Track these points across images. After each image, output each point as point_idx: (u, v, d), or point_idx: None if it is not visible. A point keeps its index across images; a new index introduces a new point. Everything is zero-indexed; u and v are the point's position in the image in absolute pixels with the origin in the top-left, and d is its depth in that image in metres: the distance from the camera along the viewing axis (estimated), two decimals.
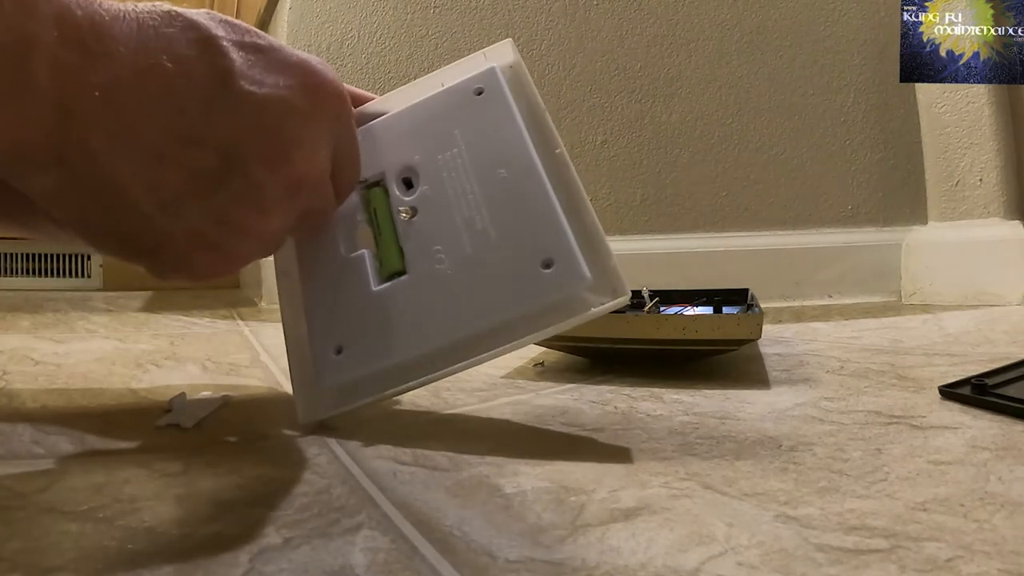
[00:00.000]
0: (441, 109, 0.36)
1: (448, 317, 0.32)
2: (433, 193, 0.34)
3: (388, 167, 0.35)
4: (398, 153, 0.35)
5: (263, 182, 0.25)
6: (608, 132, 1.04)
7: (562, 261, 0.30)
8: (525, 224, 0.32)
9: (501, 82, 0.35)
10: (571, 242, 0.31)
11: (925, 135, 0.94)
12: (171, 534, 0.22)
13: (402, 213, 0.34)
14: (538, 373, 0.50)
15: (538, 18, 1.07)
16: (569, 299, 0.31)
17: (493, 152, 0.33)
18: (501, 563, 0.20)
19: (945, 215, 0.91)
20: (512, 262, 0.31)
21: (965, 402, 0.36)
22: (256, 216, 0.26)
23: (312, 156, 0.27)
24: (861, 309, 0.85)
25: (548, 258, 0.31)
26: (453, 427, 0.36)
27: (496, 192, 0.33)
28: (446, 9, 1.11)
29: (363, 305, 0.33)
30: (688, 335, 0.45)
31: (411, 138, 0.36)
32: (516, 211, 0.32)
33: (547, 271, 0.30)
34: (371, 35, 1.16)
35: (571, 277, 0.30)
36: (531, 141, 0.33)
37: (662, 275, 0.98)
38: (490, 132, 0.34)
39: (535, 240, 0.31)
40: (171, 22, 0.24)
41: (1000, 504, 0.23)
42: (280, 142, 0.25)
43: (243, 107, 0.24)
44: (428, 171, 0.34)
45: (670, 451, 0.30)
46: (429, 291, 0.32)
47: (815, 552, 0.20)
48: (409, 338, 0.32)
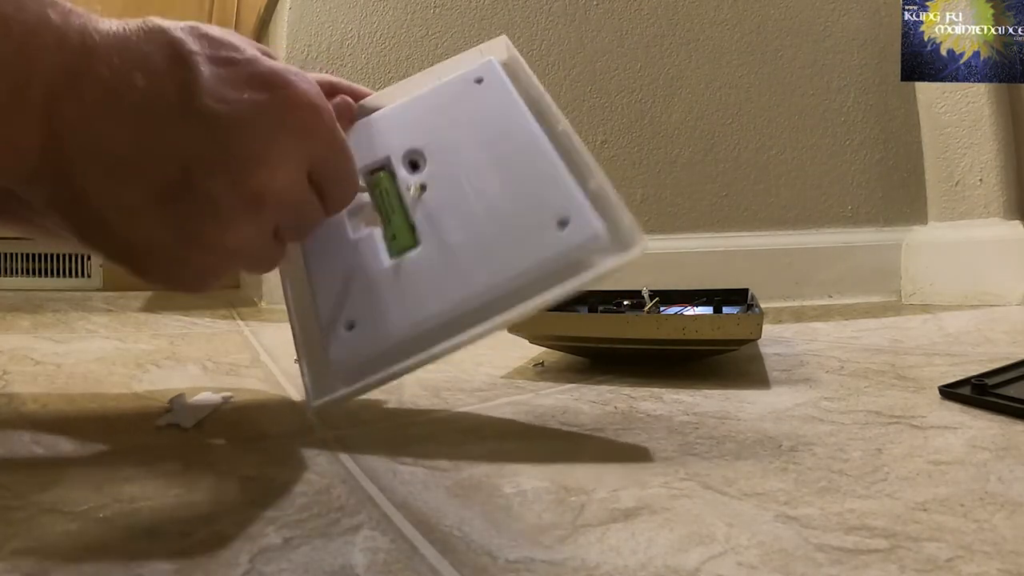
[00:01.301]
0: (442, 98, 0.36)
1: (465, 280, 0.31)
2: (440, 170, 0.34)
3: (392, 151, 0.35)
4: (402, 138, 0.35)
5: (220, 196, 0.25)
6: (608, 132, 1.04)
7: (576, 219, 0.30)
8: (535, 190, 0.32)
9: (499, 71, 0.36)
10: (583, 200, 0.31)
11: (925, 135, 0.94)
12: (171, 534, 0.22)
13: (411, 190, 0.34)
14: (538, 373, 0.50)
15: (538, 18, 1.07)
16: (585, 255, 0.30)
17: (496, 129, 0.34)
18: (501, 563, 0.20)
19: (945, 215, 0.91)
20: (527, 224, 0.31)
21: (965, 402, 0.36)
22: (215, 229, 0.25)
23: (274, 171, 0.26)
24: (861, 309, 0.85)
25: (563, 217, 0.30)
26: (453, 427, 0.36)
27: (503, 165, 0.33)
28: (446, 9, 1.11)
29: (375, 279, 0.32)
30: (688, 335, 0.45)
31: (414, 125, 0.36)
32: (525, 179, 0.32)
33: (562, 231, 0.30)
34: (371, 35, 1.16)
35: (586, 232, 0.30)
36: (533, 117, 0.34)
37: (662, 275, 0.98)
38: (492, 114, 0.35)
39: (547, 203, 0.31)
40: (152, 39, 0.24)
41: (1000, 504, 0.23)
42: (238, 156, 0.25)
43: (203, 123, 0.24)
44: (433, 152, 0.34)
45: (670, 451, 0.30)
46: (442, 260, 0.32)
47: (815, 552, 0.20)
48: (423, 305, 0.31)
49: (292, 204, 0.28)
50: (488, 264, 0.31)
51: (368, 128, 0.37)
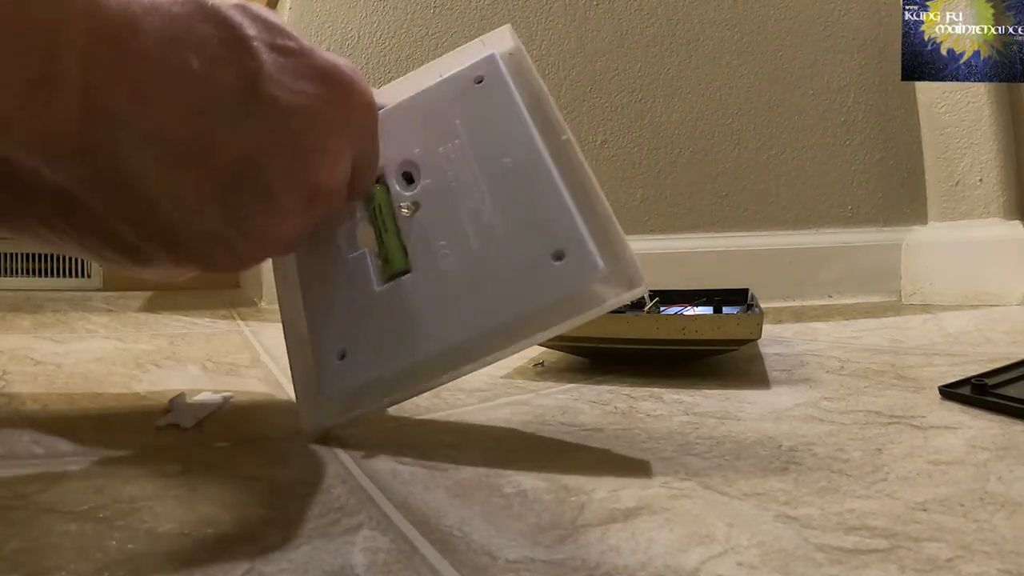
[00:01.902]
0: (440, 100, 0.34)
1: (455, 316, 0.30)
2: (435, 187, 0.32)
3: (387, 162, 0.33)
4: (397, 147, 0.34)
5: (280, 189, 0.25)
6: (608, 132, 1.04)
7: (574, 252, 0.29)
8: (533, 215, 0.30)
9: (502, 69, 0.33)
10: (582, 232, 0.29)
11: (925, 135, 0.94)
12: (171, 534, 0.22)
13: (403, 209, 0.32)
14: (538, 373, 0.50)
15: (538, 18, 1.07)
16: (582, 292, 0.29)
17: (496, 141, 0.32)
18: (501, 563, 0.20)
19: (945, 215, 0.91)
20: (521, 255, 0.30)
21: (965, 402, 0.36)
22: (271, 222, 0.26)
23: (333, 168, 0.27)
24: (861, 309, 0.85)
25: (559, 249, 0.29)
26: (453, 427, 0.36)
27: (501, 183, 0.31)
28: (446, 9, 1.11)
29: (365, 306, 0.31)
30: (688, 335, 0.45)
31: (410, 131, 0.34)
32: (523, 202, 0.30)
33: (558, 263, 0.29)
34: (371, 35, 1.16)
35: (584, 268, 0.28)
36: (535, 129, 0.31)
37: (662, 275, 0.98)
38: (492, 121, 0.33)
39: (544, 231, 0.30)
40: (205, 17, 0.23)
41: (1000, 504, 0.23)
42: (301, 151, 0.25)
43: (267, 113, 0.24)
44: (429, 164, 0.33)
45: (670, 451, 0.30)
46: (435, 289, 0.30)
47: (815, 552, 0.20)
48: (415, 340, 0.30)
49: (337, 197, 0.29)
50: (480, 299, 0.30)
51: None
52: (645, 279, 0.29)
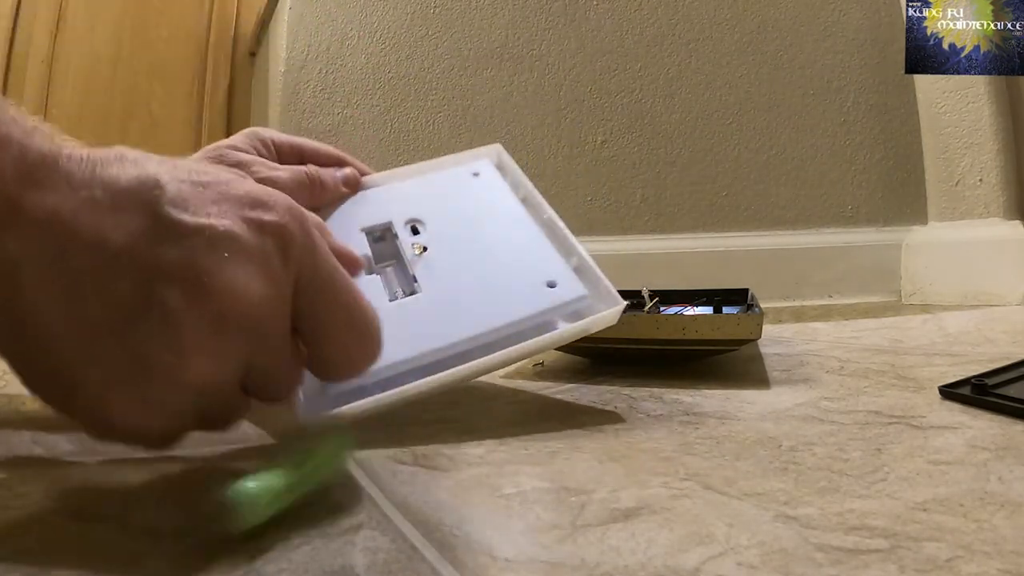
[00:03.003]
0: (442, 182, 0.42)
1: (462, 322, 0.34)
2: (440, 234, 0.39)
3: (394, 217, 0.40)
4: (403, 208, 0.40)
5: (181, 316, 0.22)
6: (608, 132, 1.04)
7: (563, 282, 0.37)
8: (525, 258, 0.38)
9: (494, 169, 0.43)
10: (567, 269, 0.37)
11: (925, 135, 0.94)
12: (171, 534, 0.22)
13: (415, 248, 0.38)
14: (538, 373, 0.50)
15: (538, 18, 1.07)
16: (573, 308, 0.36)
17: (490, 211, 0.41)
18: (501, 563, 0.20)
19: (945, 215, 0.91)
20: (519, 283, 0.36)
21: (965, 402, 0.36)
22: (173, 355, 0.22)
23: (240, 293, 0.23)
24: (861, 309, 0.85)
25: (551, 281, 0.36)
26: (453, 427, 0.36)
27: (496, 237, 0.39)
28: (446, 9, 1.11)
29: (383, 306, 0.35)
30: (688, 335, 0.45)
31: (415, 199, 0.41)
32: (516, 250, 0.38)
33: (551, 289, 0.36)
34: (371, 35, 1.16)
35: (573, 292, 0.36)
36: (523, 207, 0.41)
37: (662, 275, 0.98)
38: (487, 199, 0.41)
39: (536, 268, 0.37)
40: (119, 160, 0.23)
41: (1000, 504, 0.23)
42: (202, 274, 0.22)
43: (169, 236, 0.22)
44: (433, 221, 0.40)
45: (670, 451, 0.30)
46: (441, 304, 0.35)
47: (815, 552, 0.20)
48: (418, 339, 0.33)
49: (259, 334, 0.24)
50: (485, 309, 0.35)
51: (372, 196, 0.41)
52: (622, 302, 0.37)
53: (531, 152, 1.07)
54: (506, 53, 1.09)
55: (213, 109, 1.51)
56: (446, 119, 1.11)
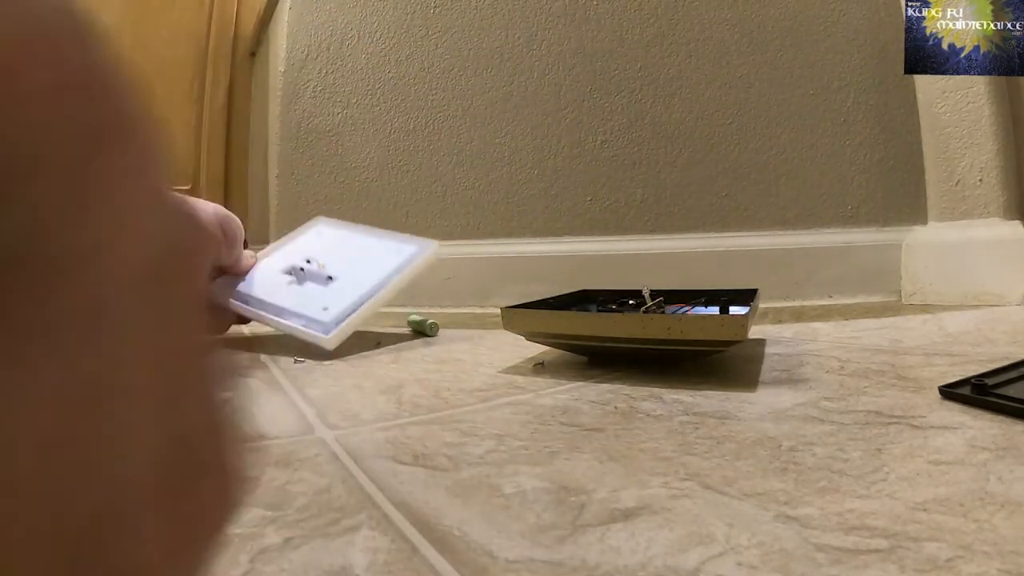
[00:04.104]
0: (309, 238, 0.78)
1: (363, 281, 0.67)
2: (326, 257, 0.72)
3: (295, 260, 0.70)
4: (295, 255, 0.72)
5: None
6: (608, 132, 1.04)
7: (404, 247, 0.72)
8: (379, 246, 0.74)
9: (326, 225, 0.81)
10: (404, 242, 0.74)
11: (925, 135, 0.94)
12: None
13: (317, 265, 0.70)
14: (538, 373, 0.50)
15: (538, 18, 1.07)
16: (414, 256, 0.71)
17: (346, 239, 0.77)
18: (501, 563, 0.20)
19: (945, 215, 0.91)
20: (380, 253, 0.72)
21: (965, 402, 0.36)
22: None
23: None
24: (861, 309, 0.85)
25: (398, 248, 0.73)
26: (453, 427, 0.36)
27: (359, 246, 0.75)
28: (446, 9, 1.11)
29: (325, 292, 0.66)
30: (673, 335, 0.44)
31: (299, 250, 0.74)
32: (372, 244, 0.75)
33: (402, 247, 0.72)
34: (371, 35, 1.16)
35: (426, 245, 0.73)
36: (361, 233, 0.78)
37: (662, 275, 0.98)
38: (340, 236, 0.78)
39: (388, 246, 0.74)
40: None
41: (1000, 504, 0.23)
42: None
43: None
44: (317, 253, 0.73)
45: (670, 451, 0.30)
46: (347, 280, 0.68)
47: (815, 552, 0.20)
48: (354, 290, 0.66)
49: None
50: (373, 271, 0.68)
51: (272, 258, 0.73)
52: (435, 241, 0.74)
53: (531, 152, 1.07)
54: (506, 53, 1.08)
55: (213, 109, 1.51)
56: (446, 119, 1.11)
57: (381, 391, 0.45)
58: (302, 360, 0.58)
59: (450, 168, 1.11)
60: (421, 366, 0.54)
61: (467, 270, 1.06)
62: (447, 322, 0.85)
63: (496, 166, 1.09)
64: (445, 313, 0.98)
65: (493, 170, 1.09)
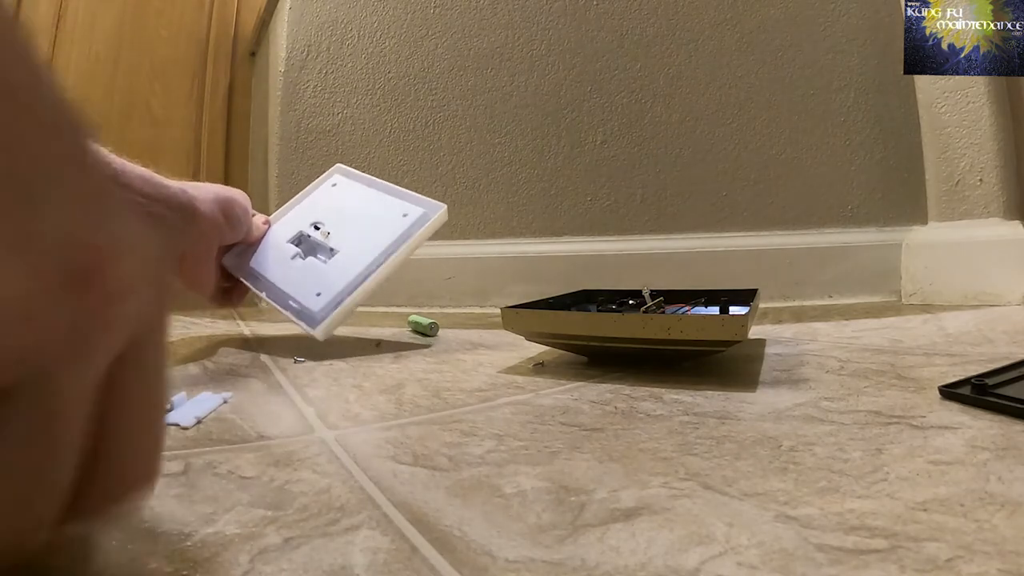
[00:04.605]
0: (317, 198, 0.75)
1: (365, 254, 0.64)
2: (332, 222, 0.69)
3: (302, 226, 0.70)
4: (303, 219, 0.71)
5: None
6: (608, 132, 1.04)
7: (410, 213, 0.68)
8: (386, 209, 0.69)
9: (342, 177, 0.77)
10: (412, 204, 0.69)
11: (925, 135, 0.94)
12: (171, 534, 0.22)
13: (322, 234, 0.68)
14: (538, 373, 0.50)
15: (538, 18, 1.07)
16: (419, 222, 0.67)
17: (354, 199, 0.73)
18: (501, 563, 0.20)
19: (945, 215, 0.91)
20: (387, 220, 0.68)
21: (965, 402, 0.36)
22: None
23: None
24: (861, 309, 0.85)
25: (404, 213, 0.68)
26: (453, 427, 0.36)
27: (366, 209, 0.70)
28: (446, 9, 1.11)
29: (323, 270, 0.65)
30: (673, 335, 0.44)
31: (307, 212, 0.72)
32: (379, 208, 0.70)
33: (404, 217, 0.68)
34: (371, 35, 1.16)
35: (416, 213, 0.68)
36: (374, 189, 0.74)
37: (662, 275, 0.98)
38: (348, 195, 0.74)
39: (394, 210, 0.69)
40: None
41: (1000, 504, 0.23)
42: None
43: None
44: (324, 217, 0.70)
45: (670, 451, 0.30)
46: (351, 252, 0.65)
47: (815, 552, 0.20)
48: (351, 269, 0.63)
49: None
50: (376, 241, 0.65)
51: (282, 222, 0.71)
52: (443, 205, 0.69)
53: (531, 152, 1.07)
54: (506, 53, 1.08)
55: (213, 109, 1.51)
56: (446, 119, 1.11)
57: (381, 391, 0.45)
58: (302, 360, 0.58)
59: (450, 168, 1.11)
60: (421, 366, 0.54)
61: (467, 270, 1.06)
62: (447, 322, 0.85)
63: (496, 166, 1.09)
64: (445, 313, 0.98)
65: (493, 170, 1.09)
